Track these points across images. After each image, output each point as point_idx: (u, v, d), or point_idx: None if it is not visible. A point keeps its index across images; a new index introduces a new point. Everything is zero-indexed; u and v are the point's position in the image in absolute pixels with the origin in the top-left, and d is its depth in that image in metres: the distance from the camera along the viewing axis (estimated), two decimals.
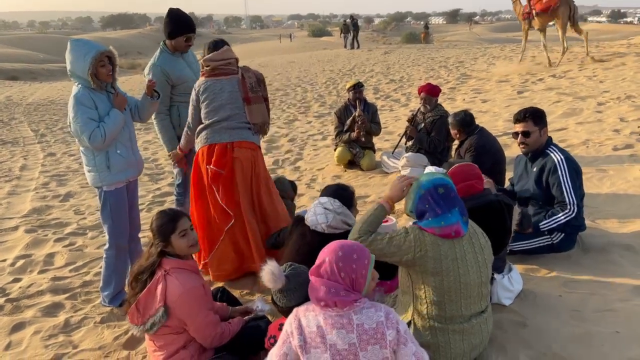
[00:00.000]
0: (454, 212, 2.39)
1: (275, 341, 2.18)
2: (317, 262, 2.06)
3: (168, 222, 2.68)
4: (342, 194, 3.16)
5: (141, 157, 3.76)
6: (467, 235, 2.44)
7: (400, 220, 4.53)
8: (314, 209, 3.11)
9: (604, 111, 7.37)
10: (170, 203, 6.13)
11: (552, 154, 3.58)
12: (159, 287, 2.58)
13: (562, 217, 3.48)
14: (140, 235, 3.96)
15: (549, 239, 3.55)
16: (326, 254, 2.05)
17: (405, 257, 2.37)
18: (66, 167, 8.68)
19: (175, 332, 2.64)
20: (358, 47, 26.35)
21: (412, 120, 6.07)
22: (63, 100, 18.34)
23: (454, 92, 11.34)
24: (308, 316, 2.05)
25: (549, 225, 3.50)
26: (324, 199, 3.12)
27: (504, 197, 3.08)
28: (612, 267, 3.41)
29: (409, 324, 2.49)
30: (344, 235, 2.89)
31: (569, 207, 3.46)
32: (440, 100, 6.20)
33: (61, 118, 14.27)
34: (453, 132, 4.91)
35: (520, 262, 3.55)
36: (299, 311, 2.09)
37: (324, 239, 2.86)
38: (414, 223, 2.51)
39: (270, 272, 2.29)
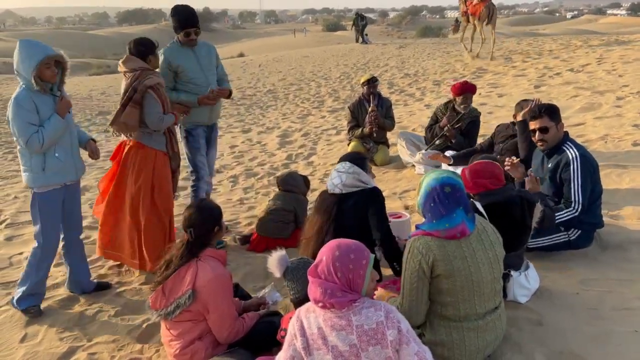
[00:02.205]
0: (459, 212, 2.35)
1: (287, 333, 2.18)
2: (315, 261, 2.04)
3: (218, 209, 2.89)
4: (354, 158, 3.40)
5: (82, 162, 3.69)
6: (475, 232, 2.40)
7: (415, 216, 4.50)
8: (330, 176, 3.37)
9: (624, 106, 7.23)
10: (183, 197, 6.15)
11: (567, 151, 3.51)
12: (190, 271, 2.64)
13: (565, 215, 3.42)
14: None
15: (566, 236, 3.50)
16: (324, 253, 2.02)
17: (425, 270, 2.33)
18: None
19: (194, 320, 2.67)
20: (362, 42, 26.18)
21: (450, 123, 5.73)
22: (79, 95, 18.51)
23: None
24: (309, 317, 2.02)
25: (554, 225, 3.43)
26: (338, 166, 3.37)
27: (526, 193, 3.03)
28: (631, 264, 3.35)
29: (423, 323, 2.47)
30: (360, 193, 3.19)
31: (573, 205, 3.40)
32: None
33: (77, 113, 14.40)
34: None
35: (536, 259, 3.49)
36: (301, 312, 2.07)
37: (340, 198, 3.21)
38: (412, 234, 2.47)
39: (275, 258, 2.43)
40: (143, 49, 3.88)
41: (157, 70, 4.03)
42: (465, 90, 5.62)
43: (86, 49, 57.64)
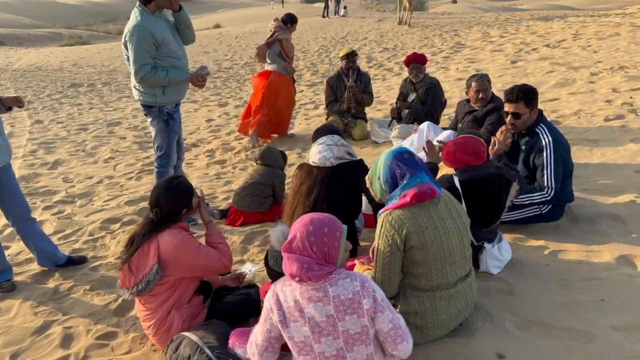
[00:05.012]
0: (424, 174, 2.43)
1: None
2: (289, 238, 2.05)
3: (188, 190, 2.82)
4: (334, 130, 3.44)
5: (9, 144, 3.58)
6: (442, 201, 2.46)
7: None
8: (316, 149, 3.29)
9: (597, 82, 7.33)
10: None
11: (541, 135, 3.52)
12: (152, 245, 2.62)
13: (537, 197, 3.48)
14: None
15: (538, 209, 3.56)
16: (297, 230, 2.03)
17: (399, 244, 2.36)
18: (54, 135, 8.56)
19: (170, 289, 2.66)
20: (326, 16, 26.20)
21: (401, 104, 6.03)
22: (50, 66, 17.98)
23: (448, 61, 11.22)
24: (285, 291, 2.04)
25: (522, 201, 3.49)
26: (322, 139, 3.32)
27: (505, 171, 3.07)
28: (600, 237, 3.44)
29: (396, 294, 2.51)
30: (349, 165, 3.22)
31: (546, 190, 3.46)
32: (433, 69, 6.15)
33: (48, 85, 14.02)
34: (482, 90, 4.61)
35: (509, 232, 3.57)
36: (277, 286, 2.09)
37: (332, 171, 3.18)
38: (382, 210, 2.48)
39: (281, 231, 2.33)
40: (288, 18, 6.73)
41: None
42: (412, 60, 5.89)
43: (56, 18, 55.66)
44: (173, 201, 2.71)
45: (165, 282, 2.63)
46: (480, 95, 4.62)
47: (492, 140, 3.48)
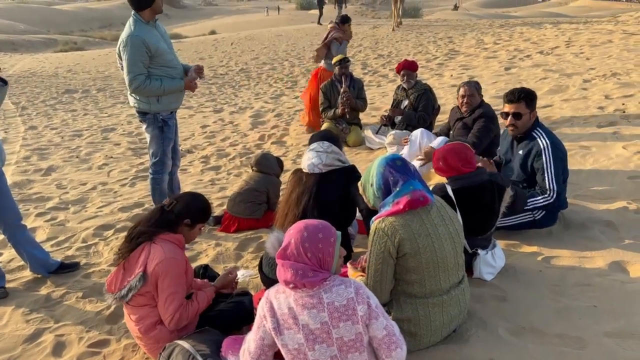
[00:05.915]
0: (416, 181, 2.44)
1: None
2: (283, 244, 2.04)
3: (204, 211, 2.82)
4: (329, 138, 3.42)
5: (3, 149, 3.57)
6: (435, 207, 2.46)
7: None
8: (306, 157, 3.29)
9: (590, 88, 7.38)
10: None
11: (538, 139, 3.53)
12: (143, 253, 2.61)
13: (540, 201, 3.49)
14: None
15: (531, 216, 3.58)
16: (291, 236, 2.02)
17: (391, 251, 2.36)
18: (48, 141, 8.54)
19: (150, 304, 2.63)
20: (321, 23, 26.57)
21: (388, 118, 6.06)
22: (45, 72, 17.94)
23: (442, 68, 11.27)
24: (279, 298, 2.03)
25: (526, 206, 3.50)
26: (313, 145, 3.31)
27: (498, 177, 3.07)
28: (592, 243, 3.45)
29: (389, 301, 2.51)
30: (340, 171, 3.22)
31: (548, 192, 3.47)
32: (427, 76, 6.18)
33: (43, 91, 13.99)
34: (467, 95, 4.69)
35: (502, 238, 3.58)
36: (270, 293, 2.08)
37: (322, 177, 3.17)
38: (375, 217, 2.49)
39: (275, 238, 2.32)
40: (341, 19, 7.69)
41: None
42: (403, 67, 5.96)
43: (52, 24, 55.59)
44: (189, 205, 2.76)
45: (145, 295, 2.60)
46: (465, 100, 4.72)
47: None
